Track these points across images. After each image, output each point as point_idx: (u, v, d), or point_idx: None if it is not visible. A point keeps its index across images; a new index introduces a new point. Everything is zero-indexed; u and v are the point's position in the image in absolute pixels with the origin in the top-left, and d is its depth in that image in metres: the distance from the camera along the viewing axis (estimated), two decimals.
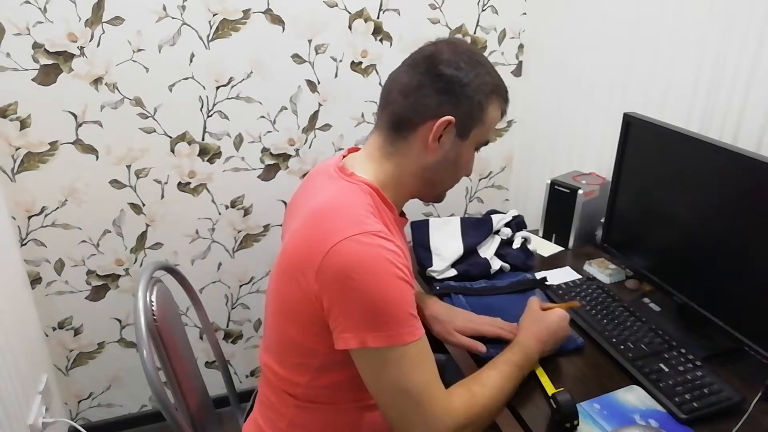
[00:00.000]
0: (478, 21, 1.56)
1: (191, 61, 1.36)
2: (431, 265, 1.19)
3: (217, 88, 1.41)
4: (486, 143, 0.85)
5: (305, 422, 0.83)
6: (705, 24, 1.07)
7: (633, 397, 0.86)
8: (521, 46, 1.63)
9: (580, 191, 1.28)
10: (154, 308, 0.88)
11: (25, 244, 1.40)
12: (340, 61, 1.47)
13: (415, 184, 0.83)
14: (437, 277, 1.18)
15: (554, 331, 0.91)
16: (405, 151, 0.80)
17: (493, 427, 0.97)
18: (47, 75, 1.27)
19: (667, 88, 1.17)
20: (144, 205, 1.46)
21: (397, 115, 0.79)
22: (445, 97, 0.77)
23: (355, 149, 0.88)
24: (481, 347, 0.92)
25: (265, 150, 1.51)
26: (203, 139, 1.45)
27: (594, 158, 1.42)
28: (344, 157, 0.86)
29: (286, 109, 1.48)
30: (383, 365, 0.70)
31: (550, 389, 0.84)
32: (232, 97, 1.43)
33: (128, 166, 1.41)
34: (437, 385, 0.73)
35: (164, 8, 1.29)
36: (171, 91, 1.37)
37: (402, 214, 0.89)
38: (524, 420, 0.83)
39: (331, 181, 0.81)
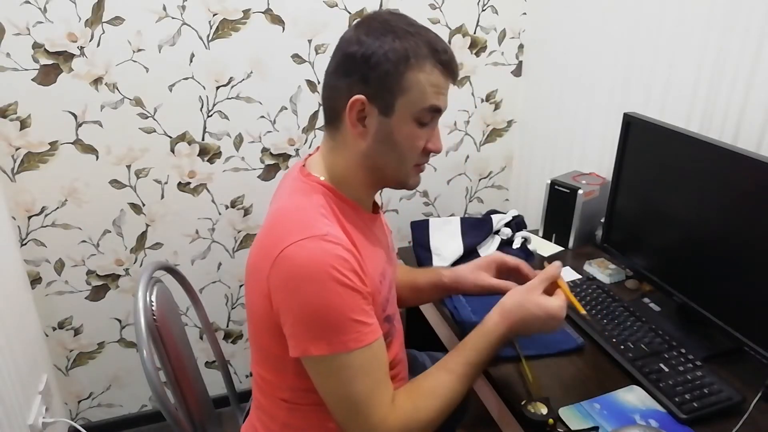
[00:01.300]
0: (478, 21, 1.56)
1: (191, 61, 1.36)
2: (431, 265, 1.19)
3: (217, 88, 1.41)
4: (434, 110, 0.75)
5: (296, 424, 0.82)
6: (705, 24, 1.07)
7: (633, 397, 0.86)
8: (521, 46, 1.63)
9: (580, 191, 1.28)
10: (154, 308, 0.88)
11: (25, 244, 1.40)
12: None
13: (365, 174, 0.78)
14: None
15: (538, 326, 0.82)
16: (342, 142, 0.77)
17: (493, 426, 0.97)
18: (47, 75, 1.27)
19: (668, 88, 1.17)
20: (144, 205, 1.46)
21: (325, 108, 0.78)
22: (352, 77, 0.73)
23: None
24: (512, 285, 0.91)
25: (265, 150, 1.51)
26: (203, 139, 1.45)
27: (594, 158, 1.42)
28: (310, 155, 0.84)
29: (286, 109, 1.48)
30: (327, 372, 0.71)
31: (533, 388, 0.84)
32: (232, 97, 1.43)
33: (128, 166, 1.41)
34: (380, 395, 0.72)
35: (164, 8, 1.30)
36: (171, 91, 1.37)
37: (375, 209, 0.87)
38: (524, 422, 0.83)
39: (292, 183, 0.80)
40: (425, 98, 0.73)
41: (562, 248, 1.35)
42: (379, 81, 0.72)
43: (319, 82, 1.48)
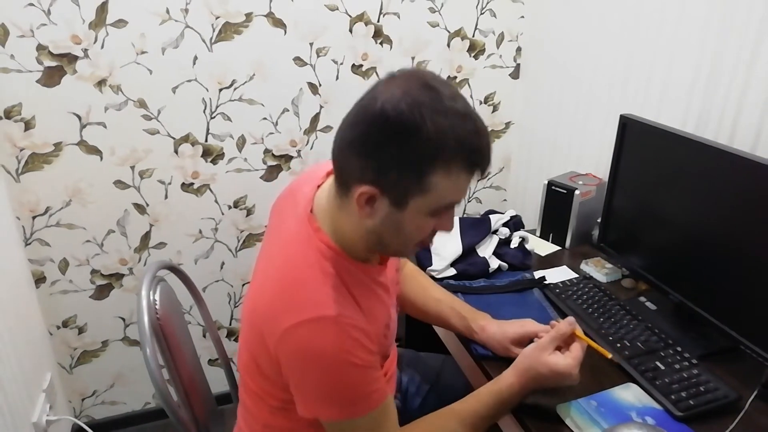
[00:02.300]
0: (476, 24, 1.57)
1: (194, 64, 1.37)
2: (431, 265, 1.20)
3: (220, 90, 1.42)
4: (449, 207, 0.69)
5: (278, 425, 0.82)
6: (701, 26, 1.08)
7: (630, 394, 0.87)
8: (519, 49, 1.64)
9: (577, 191, 1.29)
10: (157, 307, 0.89)
11: (30, 243, 1.42)
12: (341, 63, 1.49)
13: (365, 244, 0.73)
14: (437, 276, 1.19)
15: (552, 384, 0.82)
16: (347, 207, 0.70)
17: (493, 427, 0.98)
18: (51, 77, 1.29)
19: (664, 90, 1.18)
20: (148, 205, 1.48)
21: (335, 167, 0.70)
22: (367, 161, 0.64)
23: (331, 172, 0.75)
24: None
25: (267, 151, 1.52)
26: (206, 141, 1.46)
27: (591, 159, 1.43)
28: (320, 186, 0.77)
29: (288, 111, 1.50)
30: (337, 431, 0.73)
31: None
32: (235, 99, 1.44)
33: (132, 167, 1.42)
34: None
35: (167, 11, 1.31)
36: (174, 93, 1.38)
37: (384, 258, 0.81)
38: (522, 419, 0.84)
39: (298, 226, 0.74)
40: (445, 198, 0.66)
41: (559, 248, 1.36)
42: (398, 177, 0.64)
43: (320, 84, 1.49)
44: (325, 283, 0.70)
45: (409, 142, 0.61)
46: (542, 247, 1.36)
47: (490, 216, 1.27)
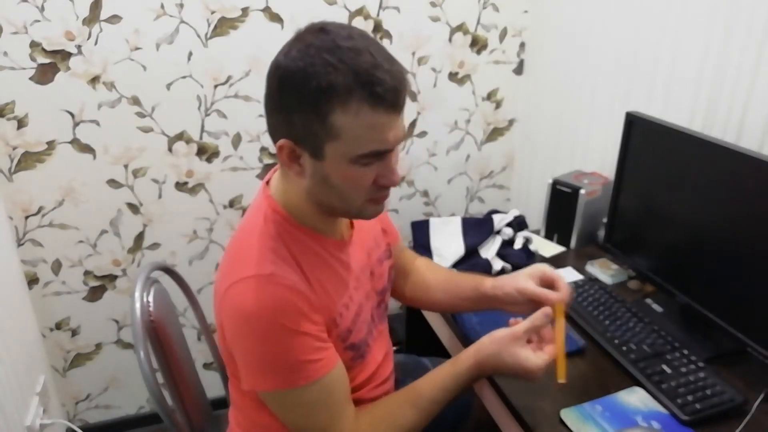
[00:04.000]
0: (479, 19, 1.55)
1: (189, 60, 1.35)
2: None
3: (216, 86, 1.40)
4: (374, 155, 0.65)
5: (265, 422, 0.80)
6: (708, 22, 1.06)
7: (635, 398, 0.86)
8: (523, 45, 1.62)
9: (582, 191, 1.27)
10: (151, 309, 0.87)
11: (23, 244, 1.40)
12: None
13: (316, 206, 0.72)
14: None
15: (512, 376, 0.76)
16: (286, 173, 0.71)
17: (494, 429, 0.96)
18: (44, 74, 1.26)
19: (670, 87, 1.16)
20: (141, 204, 1.45)
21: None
22: (277, 116, 0.65)
23: None
24: (554, 295, 0.81)
25: (263, 149, 1.50)
26: (201, 139, 1.44)
27: (596, 157, 1.41)
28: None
29: None
30: (282, 406, 0.71)
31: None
32: (231, 96, 1.42)
33: (126, 166, 1.40)
34: (340, 423, 0.72)
35: (162, 6, 1.29)
36: (169, 89, 1.36)
37: (350, 231, 0.80)
38: (525, 421, 0.83)
39: (256, 198, 0.76)
40: (360, 144, 0.63)
41: (564, 248, 1.34)
42: (303, 124, 0.63)
43: None
44: (265, 245, 0.69)
45: (303, 85, 0.61)
46: (546, 247, 1.34)
47: (493, 216, 1.25)
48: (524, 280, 0.83)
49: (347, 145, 0.63)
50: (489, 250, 1.21)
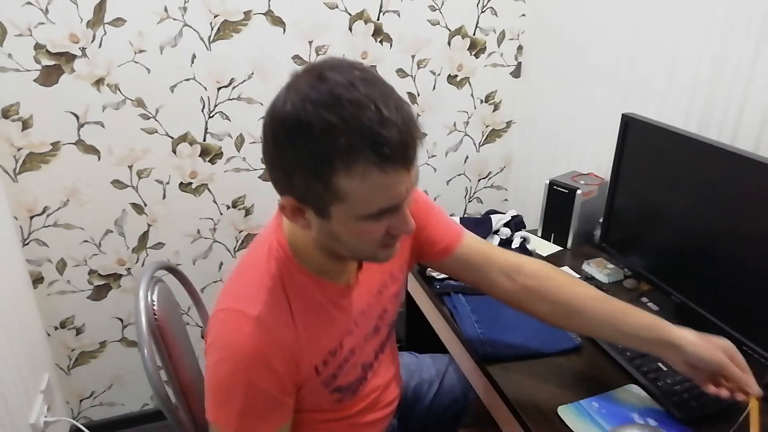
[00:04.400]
0: (477, 22, 1.56)
1: (192, 62, 1.36)
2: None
3: (219, 89, 1.41)
4: (385, 211, 0.59)
5: None
6: (704, 25, 1.07)
7: (632, 395, 0.86)
8: (520, 48, 1.63)
9: (579, 191, 1.29)
10: (155, 307, 0.88)
11: (27, 244, 1.41)
12: None
13: (325, 253, 0.68)
14: (437, 277, 1.18)
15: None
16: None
17: (493, 426, 0.98)
18: (49, 76, 1.28)
19: (666, 89, 1.18)
20: (146, 205, 1.47)
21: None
22: (276, 172, 0.60)
23: None
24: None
25: None
26: (205, 140, 1.45)
27: (593, 158, 1.42)
28: None
29: None
30: None
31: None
32: (234, 98, 1.43)
33: (130, 167, 1.42)
34: None
35: (165, 9, 1.30)
36: (172, 92, 1.38)
37: (359, 271, 0.75)
38: (522, 417, 0.84)
39: (269, 224, 0.73)
40: (369, 205, 0.58)
41: (561, 248, 1.35)
42: (303, 186, 0.58)
43: None
44: (262, 282, 0.68)
45: (302, 146, 0.55)
46: (544, 247, 1.35)
47: (492, 216, 1.26)
48: (721, 356, 0.74)
49: (355, 206, 0.58)
50: None
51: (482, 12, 1.55)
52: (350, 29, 1.45)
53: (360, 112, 0.53)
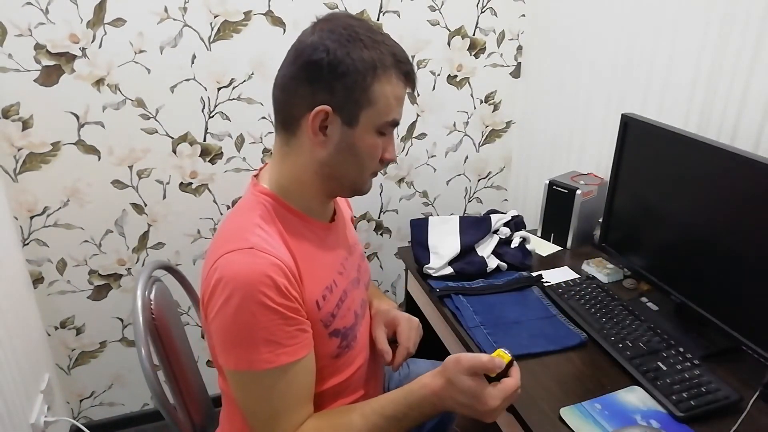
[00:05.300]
0: (477, 23, 1.56)
1: (193, 63, 1.37)
2: (428, 263, 1.19)
3: (219, 89, 1.41)
4: (393, 124, 0.74)
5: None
6: (702, 24, 1.07)
7: (634, 397, 0.86)
8: (520, 48, 1.63)
9: (579, 191, 1.29)
10: (152, 307, 0.88)
11: (28, 244, 1.41)
12: None
13: (320, 182, 0.76)
14: (433, 275, 1.18)
15: (464, 406, 0.69)
16: (298, 149, 0.74)
17: (494, 427, 0.98)
18: (49, 76, 1.28)
19: (665, 89, 1.18)
20: (146, 205, 1.47)
21: (282, 113, 0.75)
22: (317, 85, 0.70)
23: None
24: (388, 357, 0.88)
25: (266, 150, 1.51)
26: (205, 140, 1.45)
27: (592, 158, 1.42)
28: (266, 165, 0.82)
29: None
30: (235, 385, 0.71)
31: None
32: (234, 99, 1.43)
33: (130, 167, 1.42)
34: (287, 419, 0.71)
35: (166, 10, 1.30)
36: (172, 92, 1.38)
37: (333, 218, 0.84)
38: (524, 420, 0.84)
39: (244, 195, 0.79)
40: (389, 111, 0.73)
41: (561, 248, 1.35)
42: (346, 92, 0.69)
43: None
44: (251, 222, 0.72)
45: (352, 58, 0.68)
46: (543, 247, 1.35)
47: (492, 216, 1.26)
48: (378, 328, 0.90)
49: (379, 112, 0.71)
50: (485, 249, 1.22)
51: (482, 12, 1.55)
52: None
53: (390, 41, 0.72)
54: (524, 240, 1.25)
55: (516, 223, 1.27)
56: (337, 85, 0.69)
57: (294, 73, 0.71)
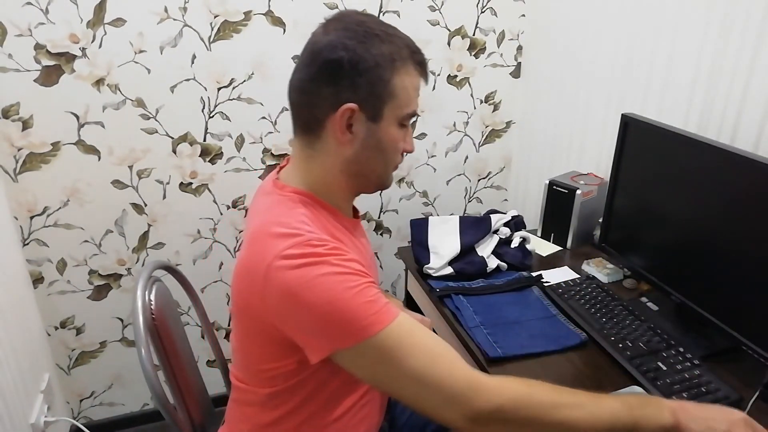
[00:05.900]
0: (477, 23, 1.56)
1: (193, 63, 1.37)
2: (428, 263, 1.19)
3: (219, 89, 1.41)
4: (413, 115, 0.76)
5: (268, 421, 0.79)
6: (702, 25, 1.07)
7: None
8: (520, 48, 1.64)
9: (579, 191, 1.29)
10: (152, 307, 0.88)
11: (28, 244, 1.41)
12: None
13: (346, 180, 0.76)
14: (433, 275, 1.18)
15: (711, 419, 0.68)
16: (323, 150, 0.74)
17: None
18: (49, 76, 1.28)
19: (665, 89, 1.18)
20: (146, 205, 1.47)
21: (303, 116, 0.75)
22: (340, 84, 0.70)
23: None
24: None
25: (266, 150, 1.51)
26: (205, 140, 1.46)
27: (592, 158, 1.42)
28: (282, 168, 0.82)
29: (287, 109, 1.48)
30: (368, 362, 0.66)
31: None
32: (234, 98, 1.44)
33: (130, 167, 1.42)
34: (446, 361, 0.66)
35: (165, 10, 1.30)
36: (172, 92, 1.38)
37: (356, 214, 0.86)
38: None
39: (267, 198, 0.77)
40: (409, 102, 0.74)
41: (561, 248, 1.35)
42: (369, 87, 0.70)
43: None
44: (298, 220, 0.70)
45: (371, 53, 0.70)
46: (543, 247, 1.35)
47: (492, 216, 1.26)
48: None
49: (400, 104, 0.73)
50: (485, 249, 1.22)
51: (482, 12, 1.55)
52: None
53: (401, 33, 0.74)
54: (524, 240, 1.25)
55: (516, 223, 1.27)
56: (360, 81, 0.70)
57: (313, 75, 0.72)
